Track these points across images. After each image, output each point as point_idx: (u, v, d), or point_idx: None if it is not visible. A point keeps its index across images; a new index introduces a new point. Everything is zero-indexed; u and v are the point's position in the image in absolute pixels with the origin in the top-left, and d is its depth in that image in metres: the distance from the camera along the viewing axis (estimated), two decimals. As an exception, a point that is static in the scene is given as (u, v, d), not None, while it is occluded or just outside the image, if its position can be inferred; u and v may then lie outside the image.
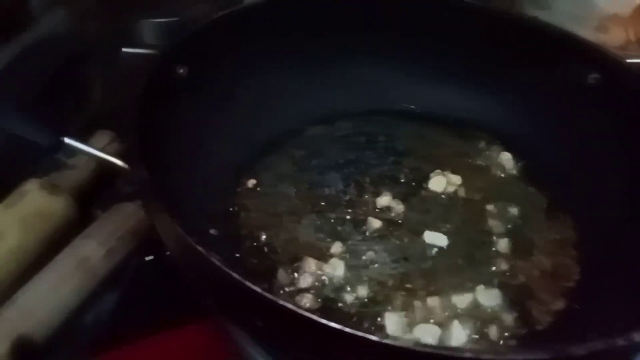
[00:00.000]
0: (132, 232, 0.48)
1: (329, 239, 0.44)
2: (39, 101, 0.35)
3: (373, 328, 0.38)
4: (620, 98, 0.47)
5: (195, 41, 0.44)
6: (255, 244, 0.43)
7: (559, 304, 0.41)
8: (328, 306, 0.40)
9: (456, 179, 0.49)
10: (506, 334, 0.39)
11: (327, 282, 0.41)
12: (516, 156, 0.53)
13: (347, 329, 0.25)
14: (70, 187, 0.50)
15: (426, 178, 0.50)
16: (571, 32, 0.50)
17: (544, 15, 0.66)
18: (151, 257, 0.47)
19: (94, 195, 0.52)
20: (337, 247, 0.43)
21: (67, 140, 0.34)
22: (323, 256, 0.42)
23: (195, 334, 0.43)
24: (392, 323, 0.39)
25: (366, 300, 0.40)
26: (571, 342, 0.25)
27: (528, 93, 0.54)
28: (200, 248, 0.27)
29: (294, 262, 0.42)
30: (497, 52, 0.53)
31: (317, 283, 0.41)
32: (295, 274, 0.41)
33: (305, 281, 0.41)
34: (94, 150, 0.35)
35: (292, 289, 0.40)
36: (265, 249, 0.43)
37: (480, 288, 0.40)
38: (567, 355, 0.25)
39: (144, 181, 0.32)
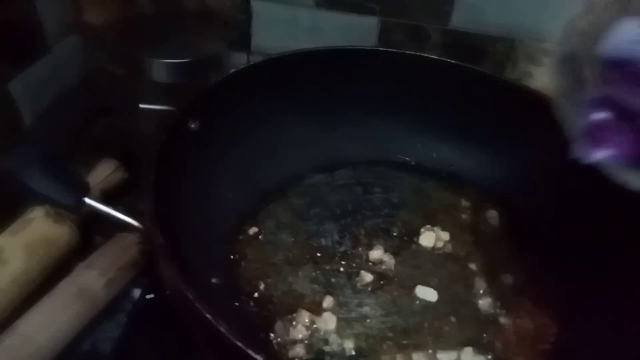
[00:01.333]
0: (132, 263, 0.49)
1: (323, 291, 0.46)
2: (62, 161, 0.36)
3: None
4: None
5: (207, 98, 0.47)
6: (254, 293, 0.46)
7: (536, 365, 0.44)
8: (319, 358, 0.42)
9: (445, 236, 0.52)
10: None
11: (319, 334, 0.44)
12: (503, 214, 0.56)
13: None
14: (73, 214, 0.49)
15: (417, 232, 0.53)
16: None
17: (537, 71, 0.70)
18: (152, 296, 0.49)
19: (96, 221, 0.53)
20: (328, 302, 0.45)
21: (88, 200, 0.36)
22: (317, 308, 0.45)
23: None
24: (378, 377, 0.41)
25: (354, 353, 0.43)
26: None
27: (517, 154, 0.56)
28: (210, 317, 0.30)
29: (289, 313, 0.44)
30: (490, 114, 0.56)
31: (310, 335, 0.43)
32: (291, 326, 0.43)
33: (299, 333, 0.43)
34: (115, 212, 0.37)
35: (286, 339, 0.43)
36: (263, 299, 0.45)
37: (468, 350, 0.43)
38: None
39: (156, 242, 0.34)
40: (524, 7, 0.65)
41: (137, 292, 0.50)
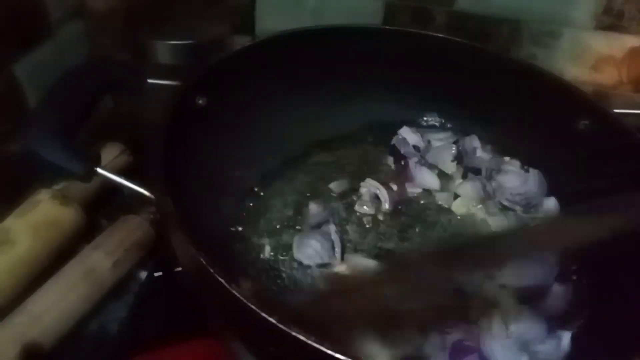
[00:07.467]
0: (138, 244, 0.50)
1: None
2: (74, 131, 0.37)
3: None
4: (607, 145, 0.50)
5: (213, 74, 0.47)
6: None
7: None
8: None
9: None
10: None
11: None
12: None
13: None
14: (79, 197, 0.52)
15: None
16: (566, 80, 0.53)
17: (543, 54, 0.70)
18: (160, 274, 0.50)
19: (101, 204, 0.55)
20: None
21: (100, 170, 0.36)
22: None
23: (200, 348, 0.44)
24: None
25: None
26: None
27: (526, 132, 0.56)
28: (230, 287, 0.30)
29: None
30: (498, 92, 0.56)
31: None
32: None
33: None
34: (126, 182, 0.37)
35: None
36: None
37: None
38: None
39: (167, 211, 0.34)
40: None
41: (143, 274, 0.50)
